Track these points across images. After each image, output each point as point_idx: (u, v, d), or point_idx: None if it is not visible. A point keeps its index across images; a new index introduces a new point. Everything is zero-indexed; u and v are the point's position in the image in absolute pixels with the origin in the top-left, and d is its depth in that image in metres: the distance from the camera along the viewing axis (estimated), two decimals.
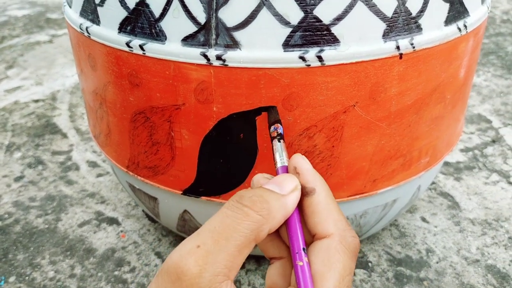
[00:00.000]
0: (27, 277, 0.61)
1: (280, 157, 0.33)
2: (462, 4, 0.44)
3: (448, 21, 0.43)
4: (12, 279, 0.61)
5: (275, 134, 0.36)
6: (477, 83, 1.12)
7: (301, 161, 0.31)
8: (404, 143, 0.46)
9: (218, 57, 0.38)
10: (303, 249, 0.28)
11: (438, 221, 0.69)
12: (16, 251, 0.65)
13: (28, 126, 0.98)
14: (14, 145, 0.91)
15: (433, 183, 0.77)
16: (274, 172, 0.32)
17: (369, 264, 0.62)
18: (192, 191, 0.48)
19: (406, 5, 0.39)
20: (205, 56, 0.39)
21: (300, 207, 0.30)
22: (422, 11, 0.40)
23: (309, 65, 0.38)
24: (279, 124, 0.37)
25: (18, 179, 0.81)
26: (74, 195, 0.77)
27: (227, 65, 0.39)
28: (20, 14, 1.71)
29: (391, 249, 0.64)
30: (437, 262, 0.62)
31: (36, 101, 1.09)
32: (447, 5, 0.42)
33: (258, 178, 0.32)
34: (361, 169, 0.45)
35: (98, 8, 0.44)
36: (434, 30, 0.42)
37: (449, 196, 0.75)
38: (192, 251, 0.25)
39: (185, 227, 0.56)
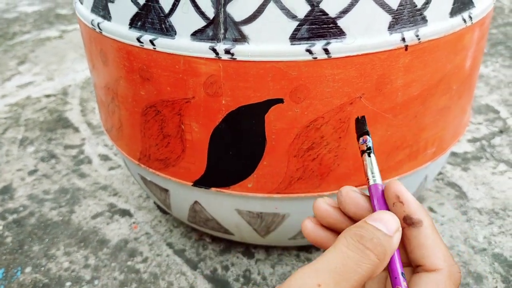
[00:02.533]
0: (42, 268, 0.63)
1: (372, 174, 0.33)
2: None
3: (453, 13, 0.43)
4: (28, 269, 0.63)
5: (364, 147, 0.34)
6: (485, 74, 1.11)
7: (403, 190, 0.31)
8: (411, 134, 0.47)
9: (227, 51, 0.39)
10: (402, 273, 0.29)
11: (445, 210, 0.70)
12: (31, 243, 0.67)
13: (40, 121, 1.00)
14: (27, 140, 0.93)
15: (440, 173, 0.78)
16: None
17: None
18: (202, 182, 0.49)
19: None
20: (214, 50, 0.40)
21: (404, 236, 0.30)
22: (427, 3, 0.41)
23: (316, 57, 0.39)
24: (367, 136, 0.35)
25: (32, 172, 0.83)
26: (87, 188, 0.78)
27: (236, 58, 0.40)
28: (30, 10, 1.73)
29: None
30: None
31: (48, 96, 1.11)
32: None
33: (347, 190, 0.33)
34: None
35: (109, 4, 0.45)
36: (439, 22, 0.42)
37: (457, 186, 0.75)
38: None
39: (196, 218, 0.57)
